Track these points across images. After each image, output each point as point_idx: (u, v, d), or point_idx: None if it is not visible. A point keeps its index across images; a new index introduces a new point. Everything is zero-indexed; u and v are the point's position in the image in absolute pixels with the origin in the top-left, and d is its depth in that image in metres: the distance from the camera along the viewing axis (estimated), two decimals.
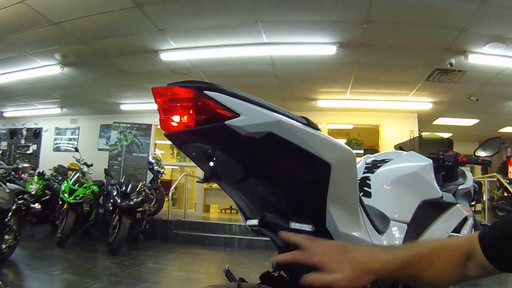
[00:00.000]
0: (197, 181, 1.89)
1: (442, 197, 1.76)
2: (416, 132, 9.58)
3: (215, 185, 12.54)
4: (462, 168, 2.25)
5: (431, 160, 1.84)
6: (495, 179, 9.24)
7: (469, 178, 2.24)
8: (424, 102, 9.27)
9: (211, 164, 1.04)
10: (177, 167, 13.64)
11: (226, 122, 0.90)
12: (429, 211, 1.70)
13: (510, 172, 12.61)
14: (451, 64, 6.53)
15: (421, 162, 1.83)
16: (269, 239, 1.34)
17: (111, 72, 7.72)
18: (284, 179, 1.04)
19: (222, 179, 1.13)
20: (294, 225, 1.06)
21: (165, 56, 6.72)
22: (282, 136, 0.93)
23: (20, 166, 8.94)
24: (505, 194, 9.41)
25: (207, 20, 5.55)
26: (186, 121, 0.96)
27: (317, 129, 1.03)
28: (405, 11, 5.17)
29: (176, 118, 0.98)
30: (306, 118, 1.03)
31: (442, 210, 1.79)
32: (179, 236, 7.77)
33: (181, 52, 6.64)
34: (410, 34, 5.83)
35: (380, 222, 1.39)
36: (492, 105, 9.04)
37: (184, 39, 6.22)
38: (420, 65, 7.04)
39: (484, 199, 8.34)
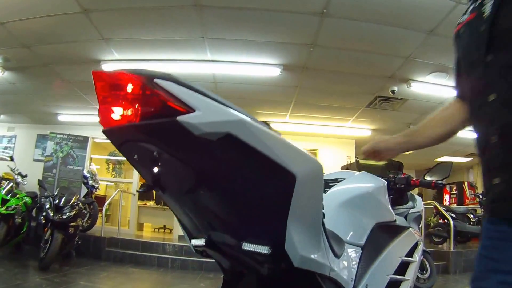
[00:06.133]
0: (137, 191, 1.63)
1: (395, 220, 1.76)
2: (353, 158, 9.86)
3: (149, 203, 12.43)
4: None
5: (386, 182, 1.80)
6: (432, 206, 9.36)
7: (419, 202, 2.23)
8: (363, 129, 9.61)
9: (156, 170, 0.89)
10: (111, 183, 13.29)
11: (178, 118, 0.76)
12: (383, 234, 1.68)
13: (445, 200, 13.18)
14: (393, 92, 6.76)
15: (375, 183, 1.77)
16: (212, 260, 1.23)
17: (51, 80, 7.50)
18: (240, 192, 0.89)
19: (167, 189, 0.98)
20: (248, 246, 0.93)
21: (107, 67, 6.58)
22: (242, 139, 0.80)
23: None
24: (441, 220, 9.46)
25: (153, 32, 5.56)
26: (130, 114, 0.81)
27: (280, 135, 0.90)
28: (354, 38, 5.35)
29: (118, 110, 0.82)
30: (267, 124, 0.91)
31: (395, 234, 1.78)
32: (112, 254, 7.56)
33: (123, 64, 6.53)
34: (356, 61, 6.03)
35: (336, 245, 1.33)
36: None
37: (128, 51, 6.19)
38: (362, 92, 7.29)
39: (421, 225, 8.58)
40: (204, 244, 1.02)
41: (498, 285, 1.04)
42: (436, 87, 6.72)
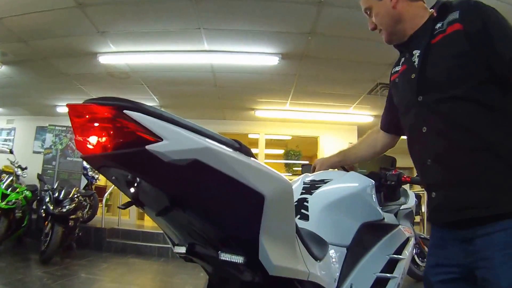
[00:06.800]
0: (118, 207, 1.84)
1: (383, 218, 1.75)
2: None
3: None
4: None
5: (373, 181, 1.80)
6: None
7: (411, 198, 2.21)
8: (365, 115, 9.59)
9: (133, 190, 0.96)
10: None
11: (147, 147, 0.82)
12: (370, 233, 1.68)
13: None
14: None
15: (362, 183, 1.77)
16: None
17: (49, 73, 7.50)
18: (212, 210, 0.95)
19: (146, 205, 1.06)
20: (224, 256, 0.99)
21: (104, 59, 6.63)
22: (209, 164, 0.86)
23: None
24: None
25: (148, 24, 5.54)
26: (103, 143, 0.86)
27: (251, 154, 0.96)
28: (353, 25, 5.23)
29: (92, 140, 0.87)
30: (238, 142, 0.95)
31: (383, 232, 1.78)
32: (113, 244, 7.62)
33: (120, 56, 6.58)
34: (356, 48, 5.97)
35: (317, 248, 1.35)
36: None
37: (124, 43, 6.17)
38: (363, 79, 7.26)
39: (423, 210, 8.52)
40: (185, 252, 1.10)
41: (438, 276, 1.33)
42: None
